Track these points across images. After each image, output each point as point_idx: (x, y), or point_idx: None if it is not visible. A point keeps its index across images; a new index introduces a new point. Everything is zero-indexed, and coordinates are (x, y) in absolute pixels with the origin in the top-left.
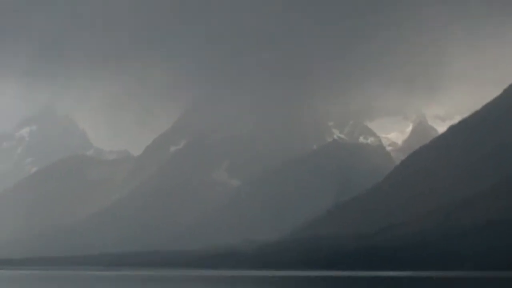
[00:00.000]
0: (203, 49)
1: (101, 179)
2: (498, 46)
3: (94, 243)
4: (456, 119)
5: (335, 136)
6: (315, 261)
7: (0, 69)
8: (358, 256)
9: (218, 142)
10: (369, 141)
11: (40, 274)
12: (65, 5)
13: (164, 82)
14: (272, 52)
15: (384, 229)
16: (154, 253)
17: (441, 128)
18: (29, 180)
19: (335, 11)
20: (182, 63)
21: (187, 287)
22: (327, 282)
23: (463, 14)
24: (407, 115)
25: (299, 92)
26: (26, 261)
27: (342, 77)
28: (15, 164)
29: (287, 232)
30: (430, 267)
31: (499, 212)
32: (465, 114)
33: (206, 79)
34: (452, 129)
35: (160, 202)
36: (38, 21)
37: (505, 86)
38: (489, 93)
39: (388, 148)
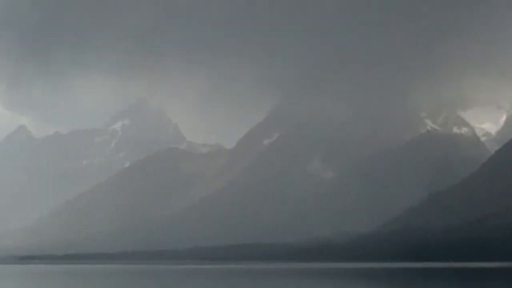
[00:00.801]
0: (295, 42)
1: (195, 172)
2: None
3: (187, 237)
4: None
5: (428, 127)
6: (408, 252)
7: (93, 63)
8: (450, 248)
9: (311, 135)
10: (462, 131)
11: (133, 268)
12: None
13: (256, 75)
14: (364, 45)
15: (478, 220)
16: (246, 246)
17: None
18: (122, 174)
19: (427, 4)
20: (274, 56)
21: (283, 281)
22: (420, 274)
23: None
24: (501, 105)
25: (392, 84)
26: (120, 255)
27: (434, 68)
28: (108, 158)
29: (380, 224)
30: None
31: None
32: None
33: (298, 72)
34: None
35: (253, 195)
36: (132, 15)
37: None
38: None
39: (482, 138)
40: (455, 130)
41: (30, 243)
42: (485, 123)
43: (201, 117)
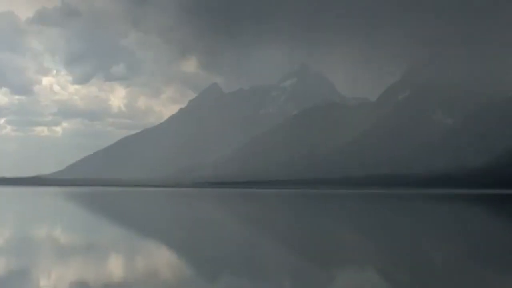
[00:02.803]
0: (423, 21)
1: (346, 119)
2: None
3: (342, 167)
4: None
5: None
6: None
7: (268, 35)
8: None
9: (436, 92)
10: None
11: (296, 192)
12: None
13: (389, 44)
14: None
15: None
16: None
17: None
18: (291, 120)
19: None
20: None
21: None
22: None
23: None
24: None
25: None
26: (289, 182)
27: None
28: (280, 108)
29: None
30: None
31: None
32: None
33: (425, 43)
34: None
35: (391, 138)
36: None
37: None
38: None
39: None
40: None
41: (221, 172)
42: None
43: (351, 77)
